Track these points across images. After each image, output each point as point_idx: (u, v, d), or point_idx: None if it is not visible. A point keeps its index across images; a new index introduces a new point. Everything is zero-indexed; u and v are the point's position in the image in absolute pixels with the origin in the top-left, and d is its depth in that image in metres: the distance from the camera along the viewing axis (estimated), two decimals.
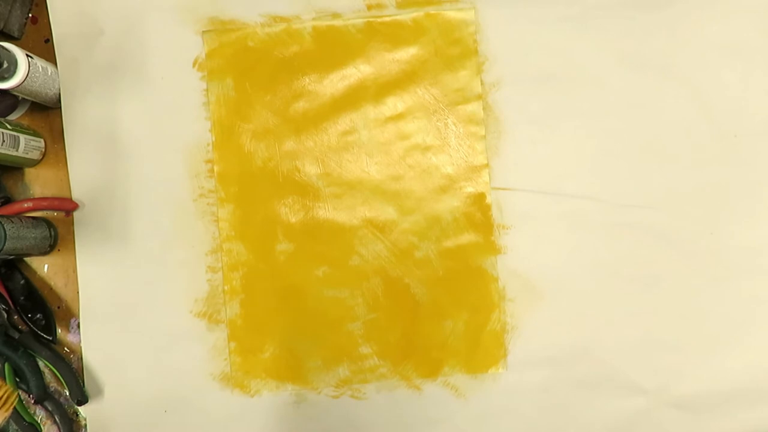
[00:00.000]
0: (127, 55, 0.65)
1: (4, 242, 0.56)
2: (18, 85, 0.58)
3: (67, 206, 0.64)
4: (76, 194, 0.65)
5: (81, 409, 0.64)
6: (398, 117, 0.65)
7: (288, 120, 0.65)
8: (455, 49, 0.64)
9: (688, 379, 0.63)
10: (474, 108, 0.64)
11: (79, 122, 0.65)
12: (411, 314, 0.64)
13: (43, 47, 0.65)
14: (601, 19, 0.64)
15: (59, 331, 0.65)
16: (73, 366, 0.64)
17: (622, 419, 0.63)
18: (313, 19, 0.65)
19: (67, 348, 0.65)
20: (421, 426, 0.64)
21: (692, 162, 0.64)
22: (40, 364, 0.64)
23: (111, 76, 0.65)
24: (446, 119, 0.65)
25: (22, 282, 0.64)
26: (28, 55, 0.58)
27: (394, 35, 0.65)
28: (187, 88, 0.65)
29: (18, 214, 0.63)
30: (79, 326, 0.64)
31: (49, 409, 0.64)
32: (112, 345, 0.64)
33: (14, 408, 0.62)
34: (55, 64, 0.64)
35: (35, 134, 0.64)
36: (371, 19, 0.65)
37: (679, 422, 0.63)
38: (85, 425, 0.64)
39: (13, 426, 0.63)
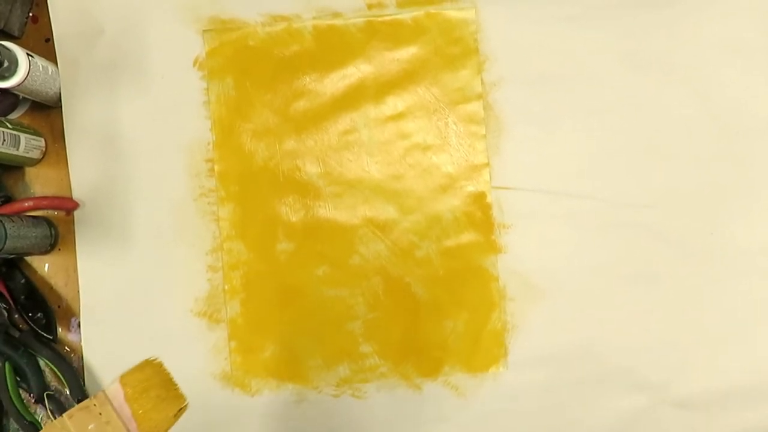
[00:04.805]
0: (127, 54, 0.65)
1: (5, 241, 0.56)
2: (18, 84, 0.57)
3: (68, 205, 0.64)
4: (77, 193, 0.64)
5: None
6: (399, 116, 0.65)
7: (288, 119, 0.65)
8: (456, 49, 0.64)
9: (689, 378, 0.63)
10: (474, 107, 0.64)
11: (79, 121, 0.65)
12: (411, 313, 0.64)
13: (44, 46, 0.65)
14: (602, 18, 0.64)
15: (60, 330, 0.65)
16: (74, 365, 0.64)
17: (623, 418, 0.63)
18: (314, 18, 0.65)
19: (68, 347, 0.65)
20: (421, 426, 0.64)
21: (693, 161, 0.64)
22: (41, 363, 0.64)
23: (111, 75, 0.65)
24: (447, 118, 0.65)
25: (23, 281, 0.64)
26: (28, 55, 0.58)
27: (395, 34, 0.65)
28: (187, 87, 0.65)
29: (18, 214, 0.63)
30: (79, 325, 0.64)
31: (50, 408, 0.64)
32: (112, 344, 0.64)
33: (15, 407, 0.62)
34: (56, 63, 0.64)
35: (36, 133, 0.64)
36: (372, 19, 0.65)
37: (679, 421, 0.63)
38: None
39: (14, 425, 0.63)
